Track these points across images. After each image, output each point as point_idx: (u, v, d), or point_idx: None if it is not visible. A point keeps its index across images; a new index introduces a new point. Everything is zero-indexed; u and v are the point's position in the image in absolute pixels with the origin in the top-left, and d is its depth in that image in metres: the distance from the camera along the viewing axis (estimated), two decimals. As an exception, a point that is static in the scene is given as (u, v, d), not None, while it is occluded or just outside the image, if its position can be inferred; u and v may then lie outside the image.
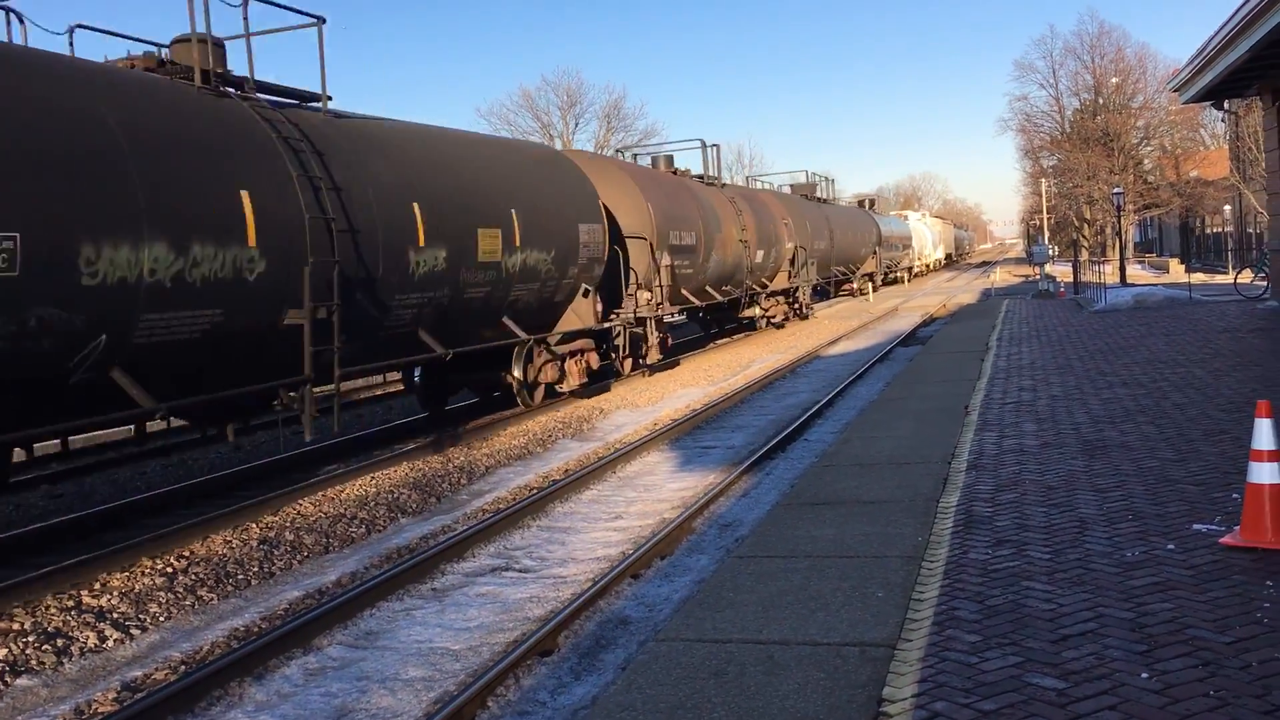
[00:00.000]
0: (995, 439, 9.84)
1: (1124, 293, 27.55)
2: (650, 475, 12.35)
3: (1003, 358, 16.48)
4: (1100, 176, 59.31)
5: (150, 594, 8.26)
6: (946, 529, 6.98)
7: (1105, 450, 8.88)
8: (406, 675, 6.65)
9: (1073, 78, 65.80)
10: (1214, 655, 4.54)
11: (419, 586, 8.40)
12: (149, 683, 6.67)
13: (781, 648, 5.17)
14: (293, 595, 8.28)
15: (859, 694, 4.55)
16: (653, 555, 8.82)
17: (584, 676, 6.52)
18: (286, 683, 6.62)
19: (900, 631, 5.23)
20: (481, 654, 6.95)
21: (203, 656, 7.06)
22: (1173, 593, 5.35)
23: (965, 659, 4.74)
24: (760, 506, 10.30)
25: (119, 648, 7.30)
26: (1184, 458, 8.36)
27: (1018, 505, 7.35)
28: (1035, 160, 75.71)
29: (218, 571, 8.82)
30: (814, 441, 13.73)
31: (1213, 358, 14.21)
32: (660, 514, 10.43)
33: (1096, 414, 10.63)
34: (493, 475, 12.60)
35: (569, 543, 9.61)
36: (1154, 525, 6.56)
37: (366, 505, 10.96)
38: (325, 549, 9.59)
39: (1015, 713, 4.16)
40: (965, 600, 5.52)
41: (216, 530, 9.94)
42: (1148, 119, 62.76)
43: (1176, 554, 5.96)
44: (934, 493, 8.06)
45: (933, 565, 6.24)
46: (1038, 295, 34.52)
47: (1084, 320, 22.57)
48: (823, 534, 7.18)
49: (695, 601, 6.06)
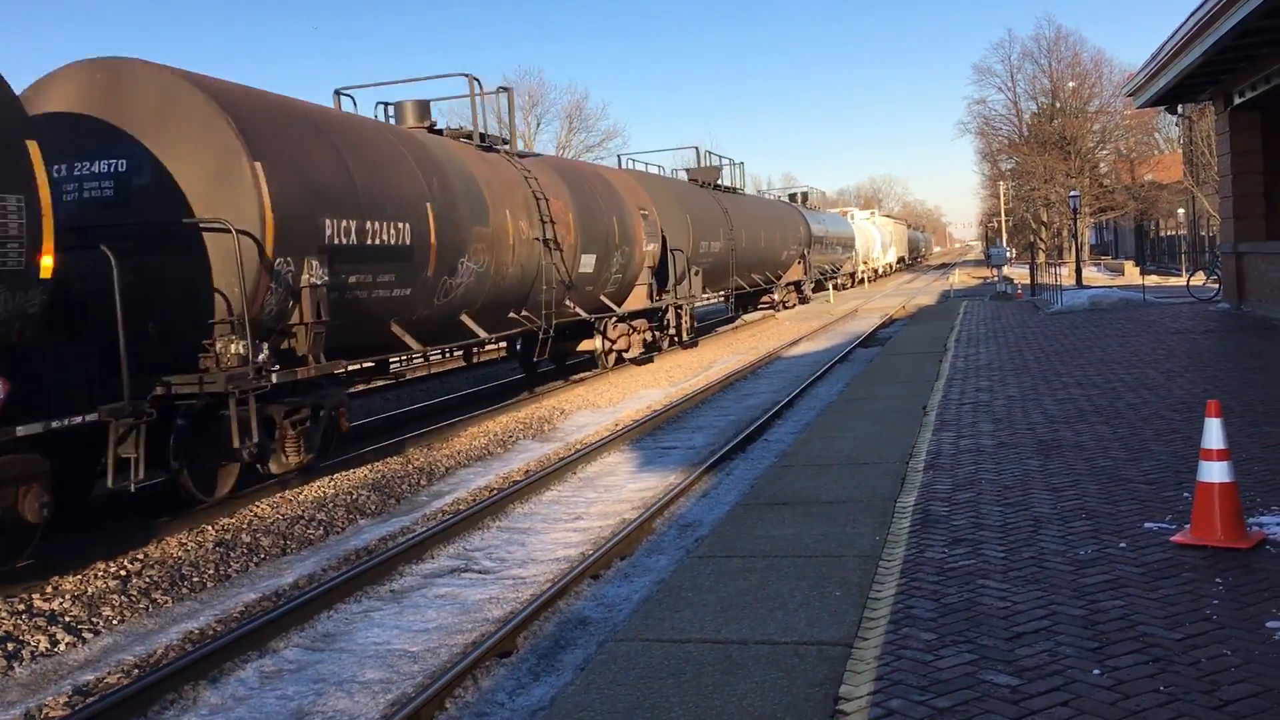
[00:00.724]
0: (953, 439, 9.93)
1: (1080, 295, 27.90)
2: (611, 476, 12.34)
3: (961, 359, 16.64)
4: (1057, 179, 60.11)
5: (103, 597, 8.14)
6: (904, 528, 7.03)
7: (1060, 450, 8.99)
8: (364, 677, 6.60)
9: (1030, 82, 66.70)
10: (1164, 651, 4.61)
11: (377, 588, 8.34)
12: (101, 686, 6.57)
13: (740, 647, 5.19)
14: (249, 598, 8.20)
15: (816, 692, 4.58)
16: (612, 556, 8.81)
17: (543, 677, 6.51)
18: (242, 686, 6.55)
19: (857, 630, 5.27)
20: (440, 655, 6.91)
21: (156, 660, 6.97)
22: (1124, 590, 5.43)
23: (921, 657, 4.78)
24: (720, 507, 10.33)
25: (71, 651, 7.19)
26: (1136, 457, 8.48)
27: (974, 504, 7.43)
28: (994, 163, 76.62)
29: (173, 574, 8.71)
30: (774, 442, 13.79)
31: (1166, 359, 14.43)
32: (621, 514, 10.43)
33: (1052, 414, 10.76)
34: (453, 476, 12.54)
35: (529, 544, 9.59)
36: (1107, 524, 6.65)
37: (325, 507, 10.87)
38: (283, 551, 9.50)
39: (969, 710, 4.20)
40: (921, 599, 5.57)
41: (172, 532, 9.82)
42: (1104, 123, 63.68)
43: (1128, 552, 6.05)
44: (892, 492, 8.13)
45: (890, 564, 6.29)
46: (995, 297, 34.88)
47: (1040, 322, 22.83)
48: (781, 534, 7.21)
49: (654, 602, 6.07)
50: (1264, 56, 17.64)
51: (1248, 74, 19.07)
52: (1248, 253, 20.71)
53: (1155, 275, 41.50)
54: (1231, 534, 5.99)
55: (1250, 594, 5.23)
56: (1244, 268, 21.03)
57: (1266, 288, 19.39)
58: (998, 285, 37.83)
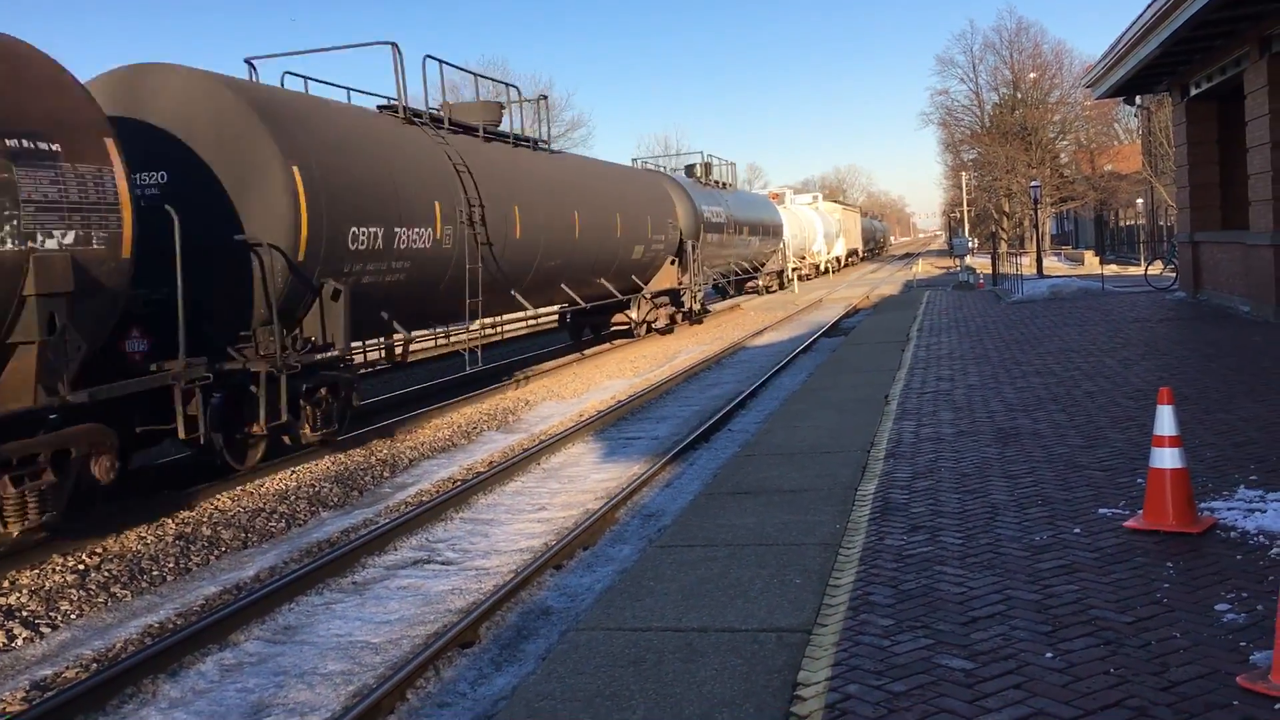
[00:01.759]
0: (913, 427, 10.02)
1: (1040, 284, 28.19)
2: (575, 466, 12.36)
3: (923, 348, 16.78)
4: (1018, 170, 60.63)
5: (61, 591, 8.06)
6: (864, 516, 7.10)
7: (1018, 438, 9.10)
8: (325, 669, 6.59)
9: (992, 72, 67.15)
10: (1115, 635, 4.69)
11: (339, 580, 8.32)
12: (59, 681, 6.52)
13: (700, 635, 5.22)
14: (210, 591, 8.15)
15: (775, 678, 4.62)
16: (575, 546, 8.83)
17: (505, 667, 6.52)
18: (202, 679, 6.52)
19: (816, 617, 5.32)
20: (402, 646, 6.91)
21: (115, 654, 6.91)
22: (1078, 575, 5.51)
23: (878, 642, 4.83)
24: (683, 496, 10.37)
25: (28, 646, 7.12)
26: (1092, 444, 8.60)
27: (933, 492, 7.51)
28: (956, 154, 77.16)
29: (132, 568, 8.64)
30: (738, 431, 13.85)
31: (1122, 347, 14.62)
32: (584, 505, 10.45)
33: (1011, 402, 10.88)
34: (416, 468, 12.51)
35: (492, 534, 9.59)
36: (1062, 510, 6.75)
37: (287, 499, 10.82)
38: (244, 544, 9.44)
39: (924, 693, 4.26)
40: (880, 585, 5.63)
41: (131, 526, 9.73)
42: (1064, 114, 64.27)
43: (1082, 537, 6.14)
44: (853, 480, 8.20)
45: (849, 552, 6.35)
46: (958, 287, 35.15)
47: (1001, 311, 23.05)
48: (743, 523, 7.26)
49: (616, 591, 6.10)
50: (1220, 48, 17.90)
51: (1204, 65, 19.34)
52: (1204, 242, 21.01)
53: (1114, 265, 42.01)
54: (1183, 519, 6.09)
55: (1200, 578, 5.33)
56: (1200, 257, 21.34)
57: (1222, 276, 19.69)
58: (960, 275, 38.11)
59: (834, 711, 4.19)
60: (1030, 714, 4.00)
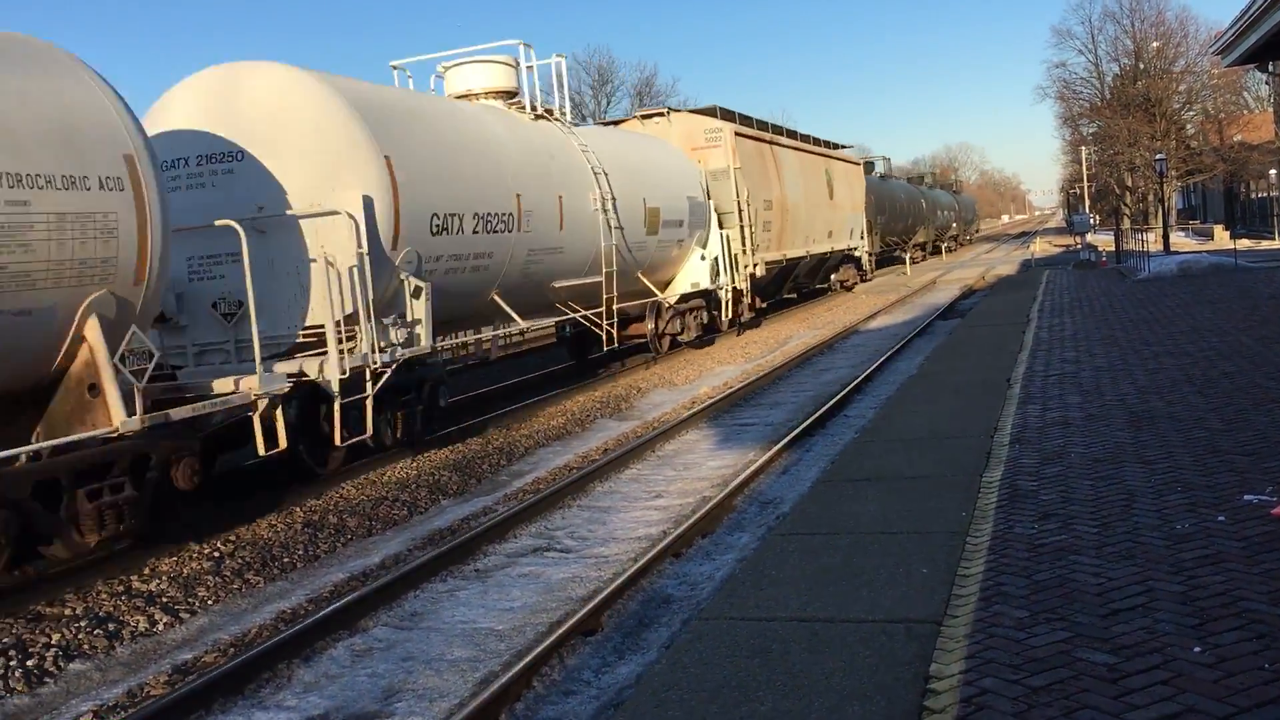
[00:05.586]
0: (1039, 412, 9.72)
1: (1168, 261, 27.15)
2: (689, 453, 12.33)
3: (1045, 329, 16.29)
4: (1142, 143, 58.32)
5: (198, 578, 8.36)
6: (991, 504, 6.91)
7: (1152, 421, 8.75)
8: (452, 655, 6.69)
9: (1112, 43, 64.58)
10: (1268, 628, 4.46)
11: (462, 567, 8.44)
12: (199, 665, 6.75)
13: (826, 625, 5.14)
14: (338, 577, 8.35)
15: (905, 671, 4.52)
16: (694, 533, 8.80)
17: (628, 656, 6.53)
18: (334, 664, 6.68)
19: (946, 608, 5.19)
20: (525, 634, 6.97)
21: (251, 639, 7.14)
22: (1224, 565, 5.27)
23: (1013, 635, 4.69)
24: (801, 483, 10.25)
25: (169, 631, 7.39)
26: (1233, 427, 8.22)
27: (1063, 479, 7.27)
28: (1074, 128, 74.53)
29: (264, 555, 8.91)
30: (853, 417, 13.64)
31: (1260, 325, 13.96)
32: (700, 492, 10.42)
33: (1142, 385, 10.48)
34: (532, 456, 12.63)
35: (609, 522, 9.62)
36: (1204, 497, 6.46)
37: (408, 487, 11.03)
38: (368, 531, 9.66)
39: (1065, 688, 4.11)
40: (1011, 576, 5.47)
41: (262, 514, 10.04)
42: (1190, 83, 61.55)
43: (1227, 525, 5.87)
44: (977, 467, 7.99)
45: (977, 541, 6.18)
46: (1079, 265, 34.11)
47: (1127, 289, 22.25)
48: (865, 510, 7.13)
49: (737, 580, 6.05)
50: (1362, 8, 16.89)
51: (1345, 27, 18.28)
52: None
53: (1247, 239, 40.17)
54: (1337, 506, 5.78)
55: (1359, 568, 5.04)
56: (1342, 229, 20.23)
57: (1367, 249, 18.63)
58: (1081, 253, 36.95)
59: (970, 706, 4.07)
60: (1180, 711, 3.83)
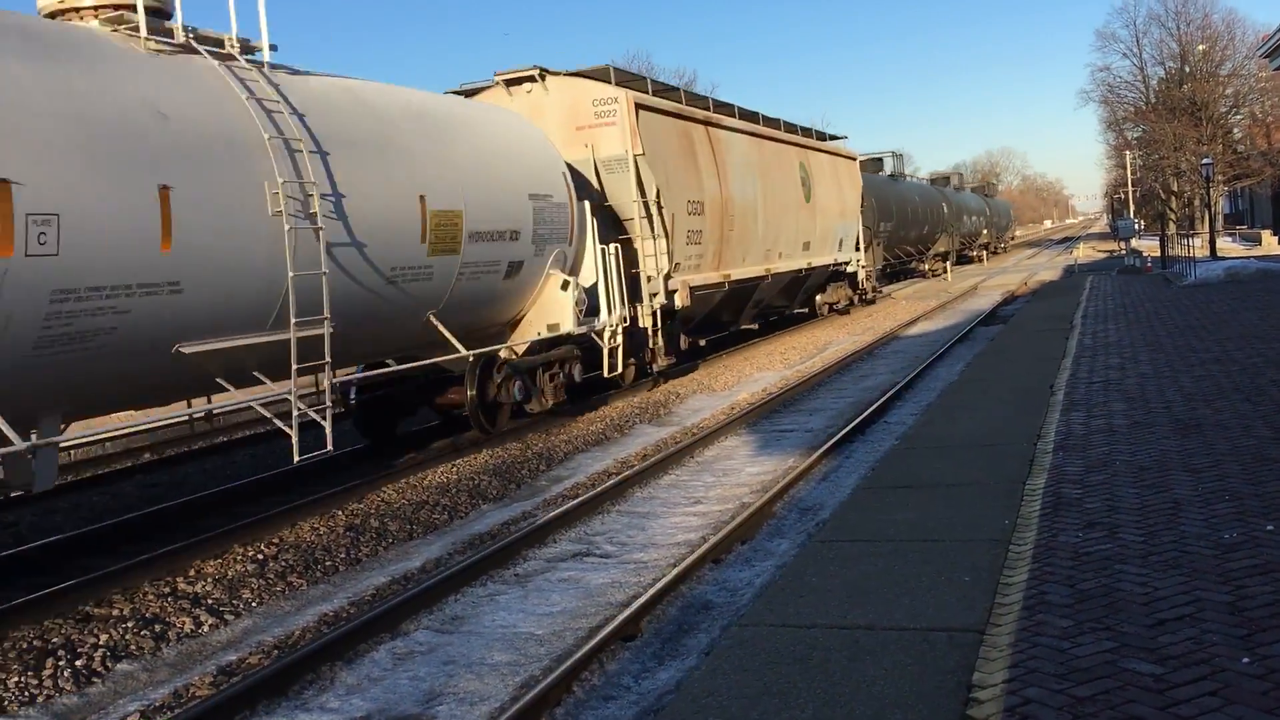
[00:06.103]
0: (1083, 419, 9.62)
1: (1214, 266, 26.77)
2: (728, 459, 12.31)
3: (1088, 335, 16.12)
4: (1187, 147, 57.61)
5: (242, 580, 8.46)
6: (1034, 512, 6.85)
7: (1199, 429, 8.64)
8: (492, 660, 6.72)
9: (1157, 46, 63.99)
10: (1320, 640, 4.39)
11: (502, 572, 8.48)
12: (244, 666, 6.83)
13: (867, 633, 5.12)
14: (379, 581, 8.42)
15: (948, 680, 4.49)
16: (733, 540, 8.79)
17: (667, 661, 6.53)
18: (376, 667, 6.74)
19: (989, 617, 5.15)
20: (565, 639, 6.99)
21: (294, 641, 7.21)
22: (1273, 574, 5.19)
23: (1057, 644, 4.65)
24: (841, 490, 10.20)
25: (214, 633, 7.49)
26: (1282, 436, 8.09)
27: (1108, 487, 7.19)
28: (1119, 132, 73.83)
29: (306, 558, 9.00)
30: (894, 424, 13.56)
31: (1310, 332, 13.73)
32: (739, 498, 10.40)
33: (1189, 392, 10.34)
34: (571, 461, 12.67)
35: (649, 528, 9.63)
36: (1252, 505, 6.37)
37: (448, 492, 11.10)
38: (409, 535, 9.73)
39: (1111, 698, 4.07)
40: (1056, 584, 5.41)
41: (305, 517, 10.15)
42: (1237, 86, 60.75)
43: (1276, 535, 5.78)
44: (1020, 475, 7.92)
45: (1021, 549, 6.13)
46: (1123, 271, 33.73)
47: (1172, 295, 21.97)
48: (905, 518, 7.09)
49: (777, 586, 6.04)
50: None
51: (1398, 28, 17.97)
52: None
53: (1295, 244, 39.48)
54: (1391, 516, 5.67)
55: None
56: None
57: None
58: (1125, 258, 36.53)
59: (1014, 716, 4.04)
60: (1229, 723, 3.78)
